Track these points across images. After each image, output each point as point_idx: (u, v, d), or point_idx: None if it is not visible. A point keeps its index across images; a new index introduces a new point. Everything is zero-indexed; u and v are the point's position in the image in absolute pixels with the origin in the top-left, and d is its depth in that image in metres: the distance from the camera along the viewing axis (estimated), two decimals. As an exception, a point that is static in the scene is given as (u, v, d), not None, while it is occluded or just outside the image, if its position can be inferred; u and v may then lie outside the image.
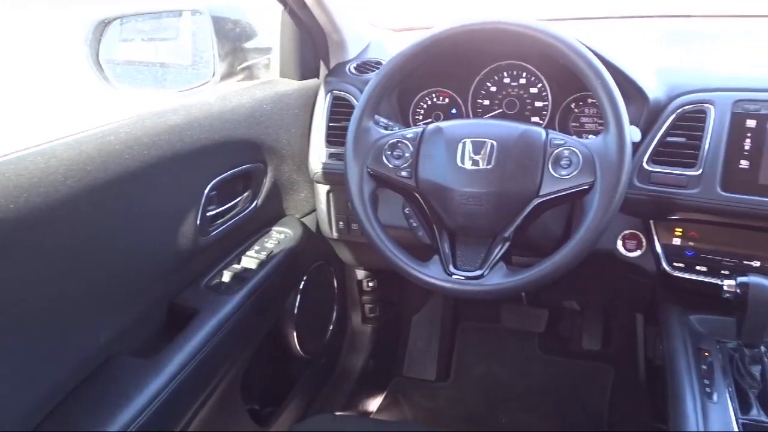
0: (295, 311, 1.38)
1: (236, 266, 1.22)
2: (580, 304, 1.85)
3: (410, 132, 1.03)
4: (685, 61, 1.21)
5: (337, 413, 1.64)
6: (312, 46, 1.38)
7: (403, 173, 1.01)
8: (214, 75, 1.26)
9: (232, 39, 1.32)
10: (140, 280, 1.01)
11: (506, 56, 1.26)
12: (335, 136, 1.29)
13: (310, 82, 1.37)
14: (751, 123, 1.01)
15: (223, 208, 1.17)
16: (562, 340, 1.90)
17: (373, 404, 1.80)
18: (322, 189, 1.37)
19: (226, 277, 1.19)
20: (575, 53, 0.92)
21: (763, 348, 1.00)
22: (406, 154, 1.01)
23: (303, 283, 1.41)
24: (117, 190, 0.91)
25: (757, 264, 1.06)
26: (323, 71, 1.41)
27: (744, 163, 1.02)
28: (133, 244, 0.97)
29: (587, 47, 0.94)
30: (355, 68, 1.34)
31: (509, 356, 1.90)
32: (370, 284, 1.70)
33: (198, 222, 1.09)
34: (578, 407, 1.74)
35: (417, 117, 1.35)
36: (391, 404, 1.81)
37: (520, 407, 1.77)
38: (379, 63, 1.35)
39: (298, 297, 1.39)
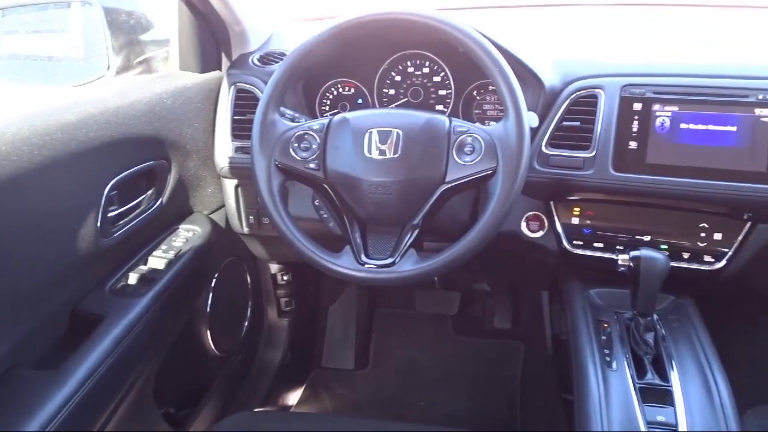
0: (208, 310, 1.35)
1: (143, 267, 1.18)
2: (490, 286, 1.92)
3: (317, 123, 1.03)
4: (582, 49, 1.26)
5: (256, 410, 1.62)
6: (212, 38, 1.34)
7: (311, 165, 1.01)
8: (108, 68, 1.20)
9: (126, 31, 1.27)
10: (39, 286, 0.95)
11: (410, 46, 1.28)
12: (241, 130, 1.27)
13: (212, 75, 1.34)
14: (637, 106, 1.08)
15: (125, 207, 1.13)
16: (475, 321, 1.96)
17: (293, 398, 1.79)
18: (230, 184, 1.35)
19: (133, 279, 1.15)
20: (473, 42, 0.95)
21: (655, 316, 1.08)
22: (314, 146, 1.01)
23: (215, 280, 1.38)
24: (5, 194, 0.85)
25: (648, 238, 1.14)
26: (225, 63, 1.38)
27: (633, 144, 1.08)
28: (30, 250, 0.92)
29: (485, 36, 0.97)
30: (258, 60, 1.32)
31: (425, 340, 1.95)
32: (285, 278, 1.69)
33: (99, 224, 1.04)
34: (492, 384, 1.80)
35: (323, 108, 1.34)
36: (311, 396, 1.81)
37: (437, 389, 1.81)
38: (283, 54, 1.34)
39: (210, 295, 1.36)
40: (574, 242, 1.18)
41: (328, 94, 1.33)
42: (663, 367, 1.00)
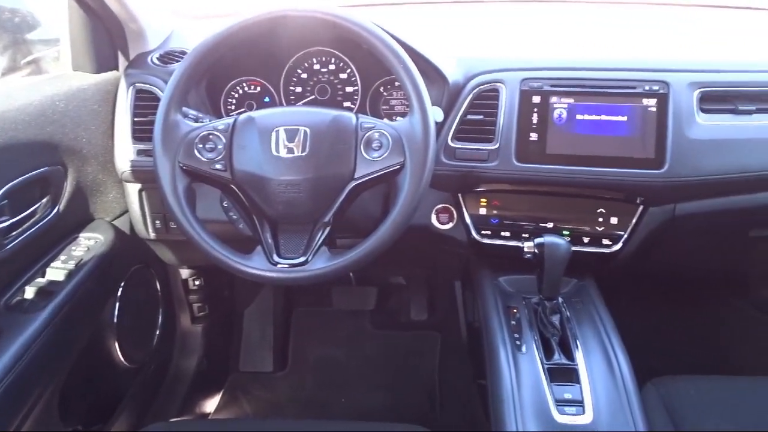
0: (115, 320, 1.30)
1: (40, 280, 1.11)
2: (405, 279, 1.94)
3: (221, 123, 1.00)
4: (485, 45, 1.30)
5: (172, 420, 1.57)
6: (107, 36, 1.28)
7: (218, 166, 0.98)
8: (-8, 70, 1.13)
9: (11, 29, 1.19)
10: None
11: (314, 43, 1.28)
12: (142, 132, 1.22)
13: (109, 75, 1.28)
14: (536, 99, 1.13)
15: (18, 218, 1.06)
16: (392, 315, 1.98)
17: (211, 405, 1.75)
18: (133, 188, 1.29)
19: (30, 293, 1.08)
20: (376, 39, 0.96)
21: (560, 299, 1.13)
22: (219, 146, 0.99)
23: (121, 289, 1.32)
24: None
25: (551, 225, 1.19)
26: (123, 63, 1.32)
27: (533, 136, 1.13)
28: None
29: (388, 33, 0.98)
30: (158, 59, 1.27)
31: (343, 337, 1.95)
32: (197, 282, 1.64)
33: (-12, 236, 0.98)
34: (411, 376, 1.83)
35: (229, 107, 1.31)
36: (230, 402, 1.77)
37: (357, 385, 1.82)
38: (183, 52, 1.30)
39: (117, 305, 1.31)
40: (483, 232, 1.21)
41: (233, 93, 1.31)
42: (569, 347, 1.06)
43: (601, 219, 1.18)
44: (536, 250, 1.08)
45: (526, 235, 1.19)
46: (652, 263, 1.27)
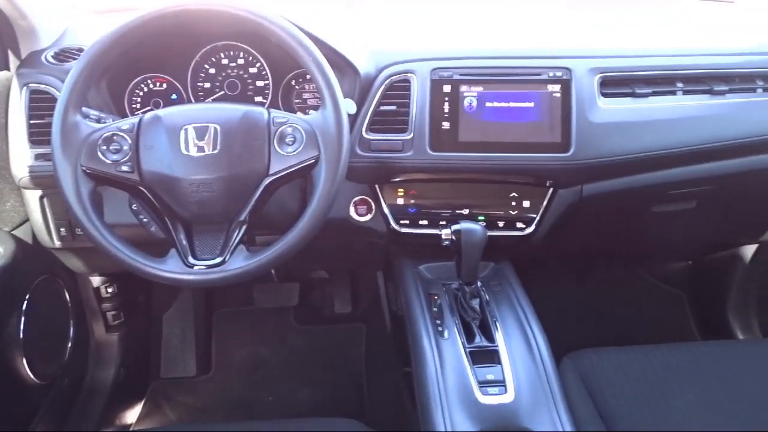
0: (21, 335, 1.22)
1: (-67, 298, 1.04)
2: (327, 273, 1.94)
3: (126, 123, 0.96)
4: (395, 35, 1.30)
5: (90, 435, 1.50)
6: (-6, 34, 1.20)
7: (124, 168, 0.94)
8: None
9: None
10: None
11: (221, 37, 1.24)
12: (39, 135, 1.15)
13: (-1, 76, 1.20)
14: (447, 88, 1.14)
15: None
16: (316, 309, 1.98)
17: (132, 416, 1.69)
18: (33, 195, 1.22)
19: None
20: (284, 33, 0.94)
21: (479, 283, 1.16)
22: (125, 147, 0.94)
23: (26, 302, 1.24)
24: None
25: (466, 212, 1.22)
26: (14, 62, 1.24)
27: (446, 125, 1.15)
28: None
29: (296, 26, 0.96)
30: (53, 57, 1.20)
31: (268, 335, 1.92)
32: (110, 290, 1.57)
33: None
34: (338, 369, 1.83)
35: (134, 106, 1.26)
36: (153, 410, 1.71)
37: (284, 382, 1.80)
38: (80, 49, 1.23)
39: (23, 319, 1.23)
40: (401, 222, 1.22)
41: (137, 91, 1.26)
42: (489, 330, 1.09)
43: (514, 203, 1.22)
44: (453, 237, 1.10)
45: (444, 223, 1.21)
46: (564, 243, 1.33)
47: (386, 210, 1.22)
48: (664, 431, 1.03)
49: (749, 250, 1.64)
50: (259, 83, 1.27)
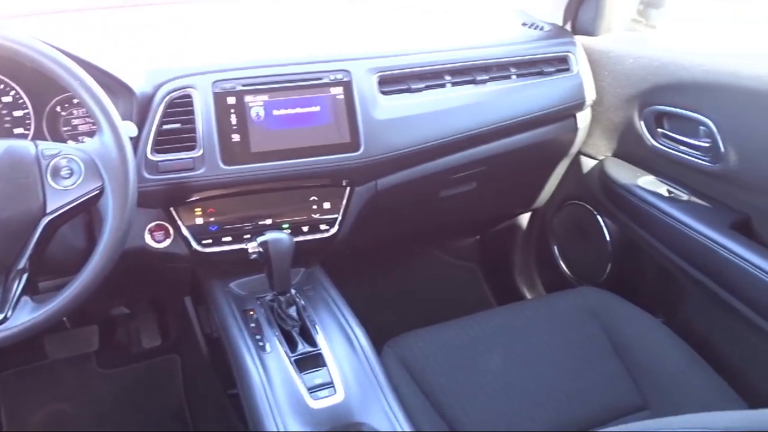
0: None
1: None
2: (129, 307, 1.80)
3: None
4: (173, 50, 1.24)
5: None
6: None
7: None
8: None
9: None
10: None
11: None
12: None
13: None
14: (231, 100, 1.12)
15: None
16: (122, 349, 1.82)
17: None
18: None
19: None
20: (42, 57, 0.85)
21: (293, 291, 1.16)
22: None
23: None
24: None
25: (269, 222, 1.21)
26: None
27: (236, 137, 1.12)
28: None
29: (56, 48, 0.88)
30: None
31: (68, 388, 1.73)
32: None
33: None
34: (155, 407, 1.71)
35: None
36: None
37: (97, 435, 1.64)
38: None
39: None
40: (203, 242, 1.18)
41: None
42: (310, 335, 1.09)
43: (315, 206, 1.23)
44: (261, 249, 1.09)
45: (248, 236, 1.19)
46: (368, 237, 1.38)
47: (186, 232, 1.16)
48: (479, 392, 1.12)
49: (525, 219, 1.84)
50: (17, 113, 1.13)
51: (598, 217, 1.54)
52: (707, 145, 1.23)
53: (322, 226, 1.24)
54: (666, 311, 1.42)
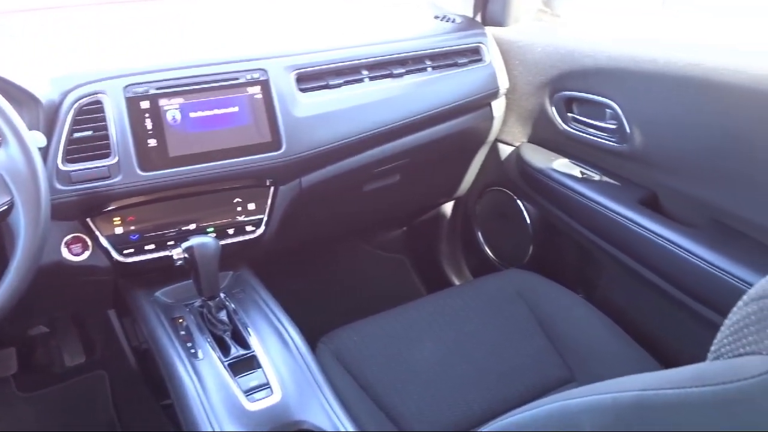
0: None
1: None
2: (48, 326, 1.71)
3: None
4: (80, 53, 1.19)
5: None
6: None
7: None
8: None
9: None
10: None
11: None
12: None
13: None
14: (145, 104, 1.09)
15: None
16: (43, 370, 1.74)
17: None
18: None
19: None
20: None
21: (222, 294, 1.15)
22: None
23: None
24: None
25: (194, 227, 1.18)
26: None
27: (152, 142, 1.09)
28: None
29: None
30: None
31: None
32: None
33: None
34: (87, 425, 1.65)
35: None
36: None
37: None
38: None
39: None
40: (125, 252, 1.14)
41: None
42: (242, 338, 1.08)
43: (239, 208, 1.22)
44: (186, 255, 1.06)
45: (172, 243, 1.16)
46: (295, 235, 1.37)
47: (105, 243, 1.12)
48: (414, 379, 1.15)
49: (449, 208, 1.89)
50: None
51: (518, 202, 1.59)
52: (614, 126, 1.30)
53: (248, 228, 1.23)
54: (586, 287, 1.50)
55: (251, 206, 1.22)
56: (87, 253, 1.12)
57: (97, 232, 1.12)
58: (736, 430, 0.37)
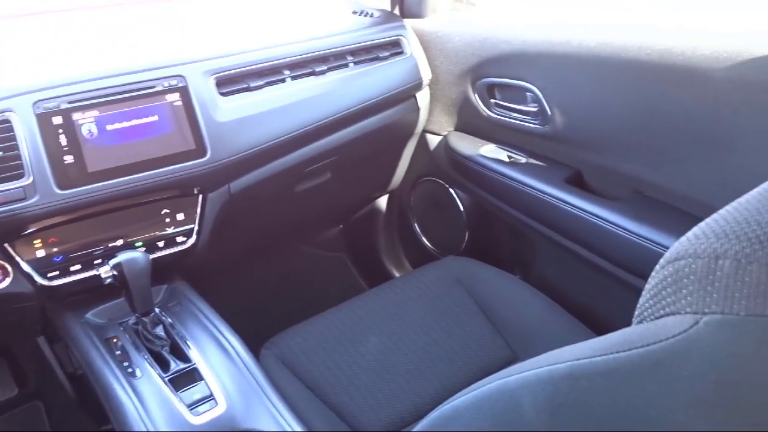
0: None
1: None
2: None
3: None
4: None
5: None
6: None
7: None
8: None
9: None
10: None
11: None
12: None
13: None
14: (57, 119, 1.04)
15: None
16: (-27, 407, 1.65)
17: None
18: None
19: None
20: None
21: (157, 309, 1.11)
22: None
23: None
24: None
25: (121, 242, 1.14)
26: None
27: (69, 159, 1.05)
28: None
29: None
30: None
31: None
32: None
33: None
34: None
35: None
36: None
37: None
38: None
39: None
40: (49, 275, 1.09)
41: None
42: (182, 351, 1.06)
43: (168, 219, 1.18)
44: (115, 272, 1.03)
45: (99, 261, 1.12)
46: (229, 242, 1.35)
47: (27, 267, 1.07)
48: (361, 374, 1.15)
49: (384, 202, 1.89)
50: None
51: (450, 190, 1.62)
52: (535, 109, 1.34)
53: (179, 239, 1.20)
54: (522, 267, 1.53)
55: (180, 216, 1.19)
56: (8, 280, 1.07)
57: (17, 258, 1.06)
58: (663, 388, 0.39)
